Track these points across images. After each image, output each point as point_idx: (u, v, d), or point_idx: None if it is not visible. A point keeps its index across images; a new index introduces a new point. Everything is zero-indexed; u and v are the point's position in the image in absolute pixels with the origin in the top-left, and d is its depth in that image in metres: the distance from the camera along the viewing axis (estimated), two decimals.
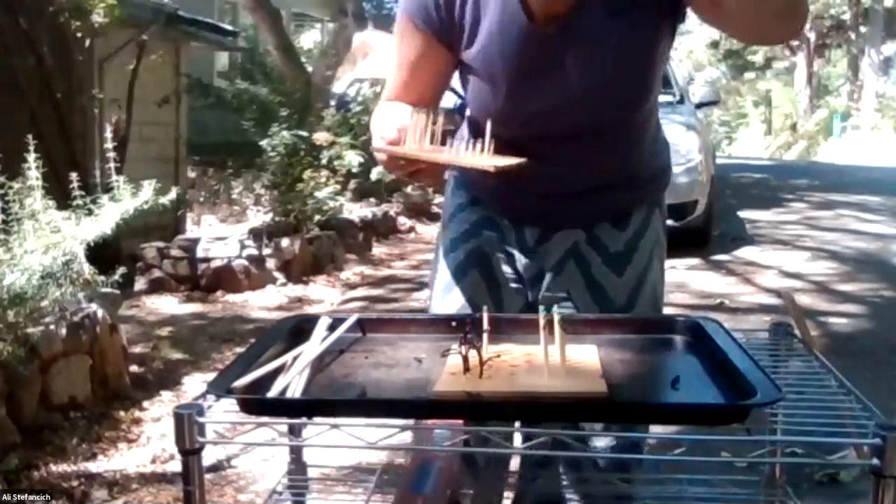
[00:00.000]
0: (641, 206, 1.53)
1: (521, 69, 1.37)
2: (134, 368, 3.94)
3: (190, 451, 0.86)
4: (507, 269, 1.52)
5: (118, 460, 3.04)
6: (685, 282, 5.92)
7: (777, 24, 1.24)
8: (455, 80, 1.54)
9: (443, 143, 1.28)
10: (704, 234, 7.14)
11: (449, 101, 1.60)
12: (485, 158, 1.21)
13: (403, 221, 8.82)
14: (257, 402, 0.91)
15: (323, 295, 5.93)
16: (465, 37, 1.40)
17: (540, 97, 1.37)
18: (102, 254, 3.73)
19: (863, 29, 26.18)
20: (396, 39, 1.47)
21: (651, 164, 1.54)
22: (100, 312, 3.53)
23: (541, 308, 1.12)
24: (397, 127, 1.29)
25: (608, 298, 1.46)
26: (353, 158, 7.42)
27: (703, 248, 6.96)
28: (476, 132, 1.45)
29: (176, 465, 2.49)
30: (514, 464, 1.59)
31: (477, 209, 1.56)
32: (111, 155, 4.12)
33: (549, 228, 1.51)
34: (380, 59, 11.50)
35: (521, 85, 1.38)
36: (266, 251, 6.10)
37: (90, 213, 3.34)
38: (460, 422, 0.96)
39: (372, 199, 8.82)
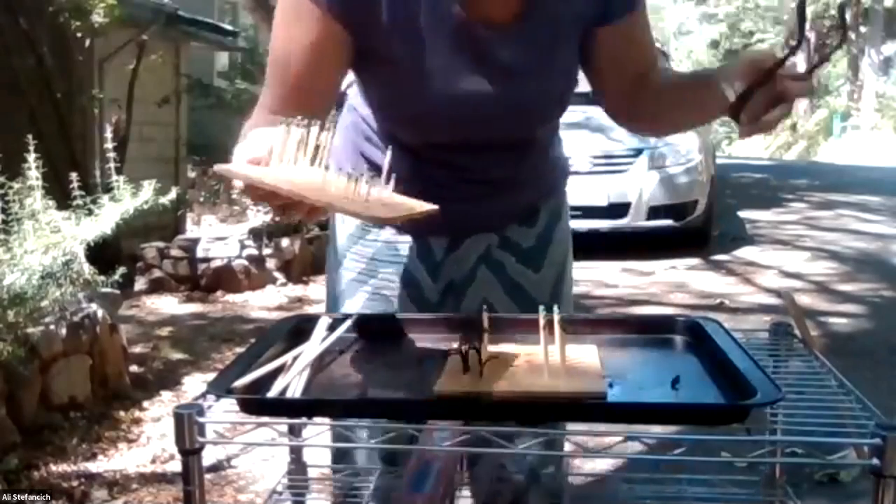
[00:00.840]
0: (548, 200, 1.45)
1: (455, 69, 1.23)
2: (134, 368, 3.94)
3: (190, 451, 0.86)
4: (411, 307, 1.37)
5: (118, 460, 3.04)
6: (685, 282, 5.93)
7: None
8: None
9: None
10: (704, 234, 7.14)
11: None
12: (373, 203, 0.95)
13: None
14: (257, 402, 0.91)
15: (323, 295, 5.92)
16: (383, 27, 1.20)
17: (472, 101, 1.25)
18: (102, 254, 3.74)
19: (863, 29, 26.18)
20: (284, 25, 1.21)
21: (555, 157, 1.47)
22: (100, 312, 3.54)
23: (540, 308, 1.12)
24: (267, 144, 1.01)
25: (529, 298, 1.37)
26: None
27: (703, 248, 6.96)
28: (383, 142, 1.32)
29: (176, 465, 2.49)
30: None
31: (370, 237, 1.39)
32: (111, 155, 4.13)
33: (459, 235, 1.38)
34: None
35: (452, 86, 1.24)
36: (266, 251, 6.10)
37: (90, 213, 3.34)
38: (460, 422, 0.95)
39: None
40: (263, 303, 5.69)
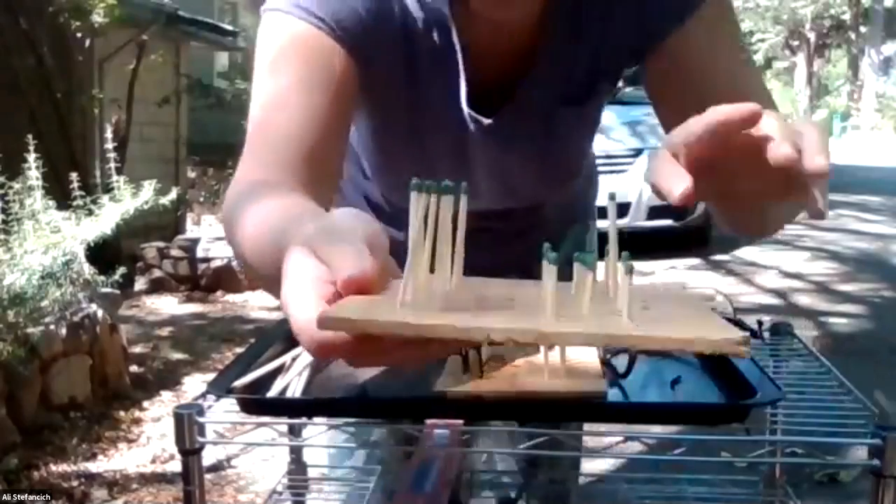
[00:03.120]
0: (573, 226, 1.31)
1: (456, 139, 1.06)
2: (134, 368, 3.95)
3: (190, 452, 0.86)
4: None
5: (118, 460, 3.04)
6: (685, 282, 5.93)
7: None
8: None
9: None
10: (704, 234, 7.15)
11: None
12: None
13: None
14: (257, 402, 0.91)
15: None
16: (385, 84, 1.00)
17: (479, 173, 1.10)
18: (102, 254, 3.74)
19: (863, 29, 26.21)
20: (287, 59, 0.93)
21: (583, 183, 1.29)
22: (100, 312, 3.54)
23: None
24: (367, 240, 0.59)
25: None
26: None
27: (703, 248, 6.97)
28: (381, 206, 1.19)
29: (176, 465, 2.49)
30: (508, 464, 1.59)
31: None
32: (111, 155, 4.14)
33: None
34: None
35: (456, 157, 1.08)
36: None
37: (90, 213, 3.35)
38: (460, 422, 0.95)
39: None
40: (263, 303, 5.69)
